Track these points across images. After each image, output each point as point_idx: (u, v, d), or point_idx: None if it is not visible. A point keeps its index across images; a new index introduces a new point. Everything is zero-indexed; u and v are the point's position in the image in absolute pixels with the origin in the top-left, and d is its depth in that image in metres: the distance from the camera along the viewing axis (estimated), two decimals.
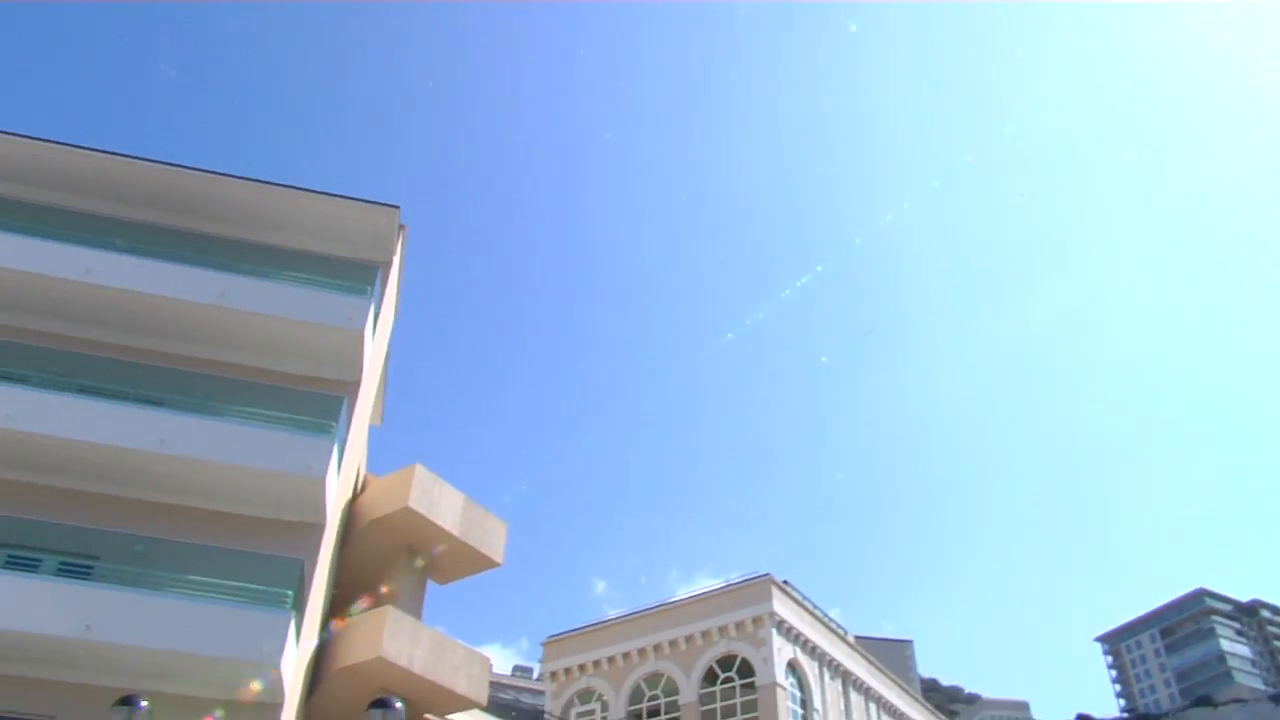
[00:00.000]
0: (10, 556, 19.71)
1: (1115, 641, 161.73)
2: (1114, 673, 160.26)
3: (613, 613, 41.64)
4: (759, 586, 36.51)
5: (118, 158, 25.19)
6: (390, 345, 29.76)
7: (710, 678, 36.25)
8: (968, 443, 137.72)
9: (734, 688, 35.40)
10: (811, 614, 38.63)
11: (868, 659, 42.62)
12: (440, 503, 25.24)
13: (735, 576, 37.70)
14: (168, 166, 25.35)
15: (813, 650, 37.50)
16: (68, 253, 23.30)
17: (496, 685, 37.30)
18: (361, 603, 24.81)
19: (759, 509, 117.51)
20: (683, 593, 39.59)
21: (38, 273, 22.94)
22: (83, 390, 21.76)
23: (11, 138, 24.94)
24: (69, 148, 25.12)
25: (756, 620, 35.72)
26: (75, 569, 19.75)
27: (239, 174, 25.64)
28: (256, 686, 19.13)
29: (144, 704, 15.05)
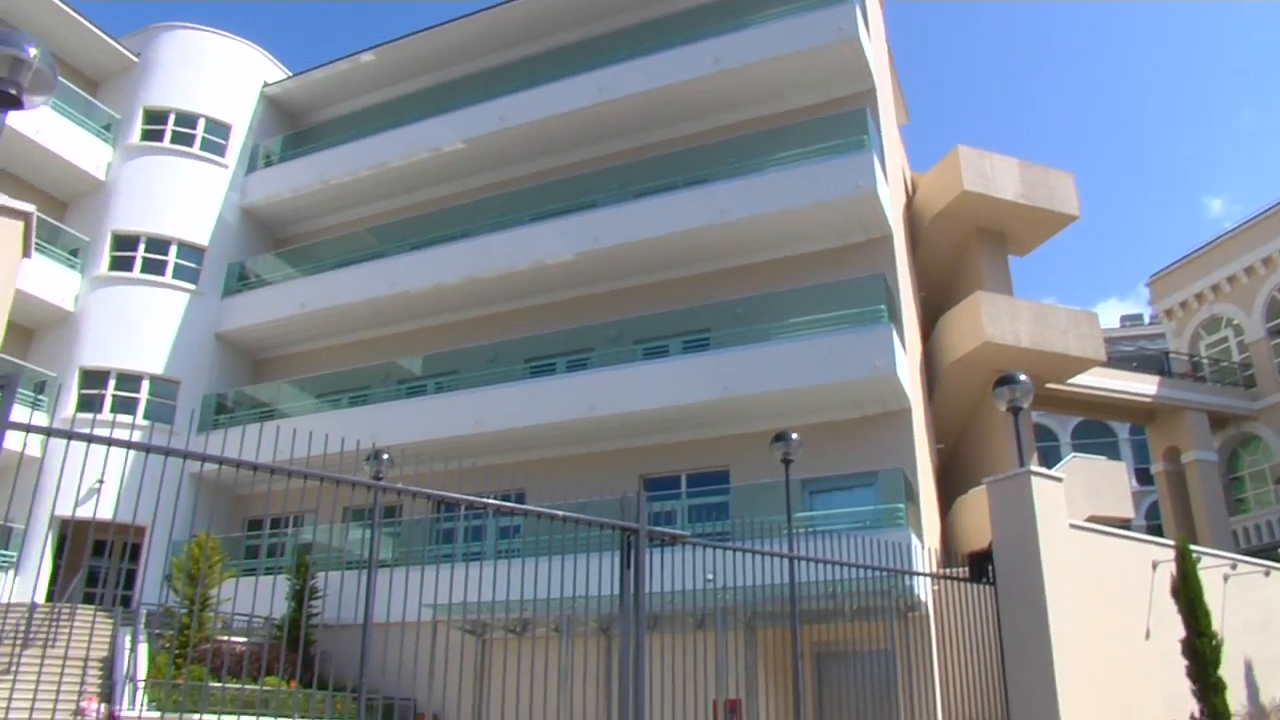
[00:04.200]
0: (645, 350, 22.71)
1: None
2: None
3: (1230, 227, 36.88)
4: None
5: None
6: (889, 40, 28.44)
7: None
8: None
9: None
10: None
11: None
12: (995, 176, 24.15)
13: None
14: None
15: None
16: (577, 84, 25.43)
17: (1112, 340, 35.76)
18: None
19: None
20: None
21: (561, 112, 25.46)
22: (640, 194, 23.88)
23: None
24: None
25: None
26: (695, 344, 22.19)
27: None
28: (881, 399, 20.26)
29: (795, 436, 16.55)
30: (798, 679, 14.84)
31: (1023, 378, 13.03)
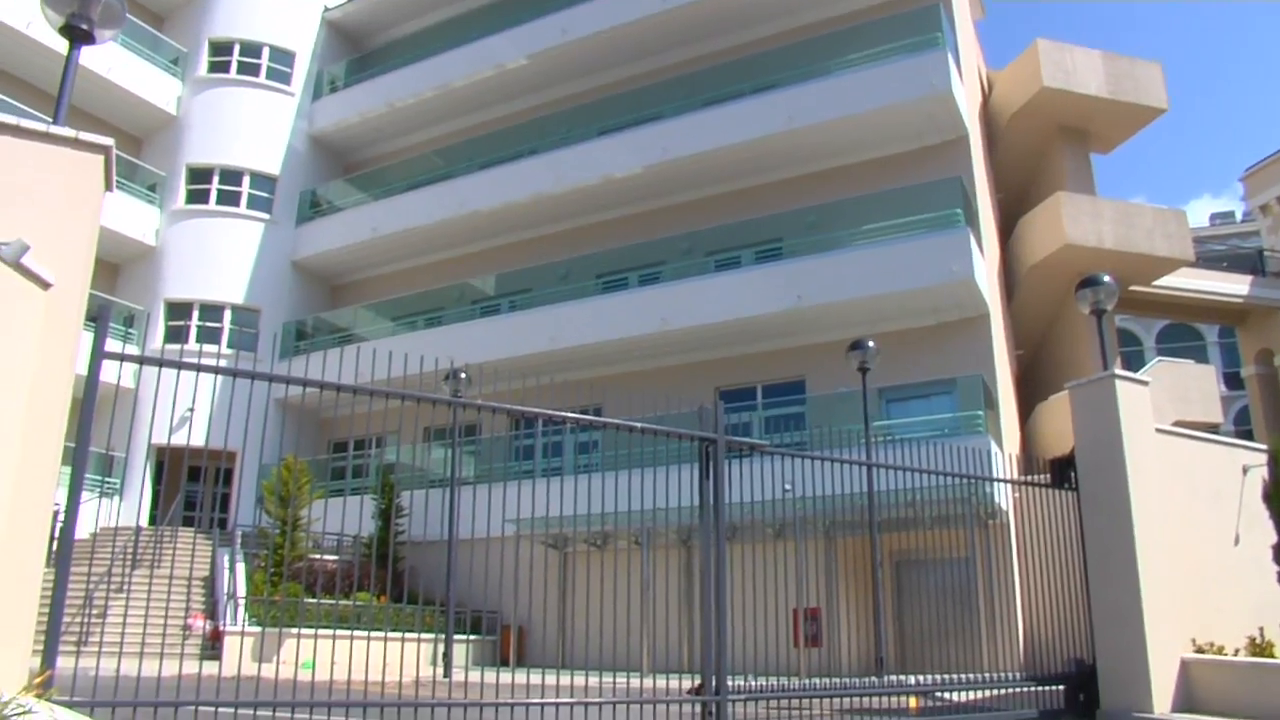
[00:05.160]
0: (717, 261, 22.54)
1: None
2: None
3: None
4: None
5: None
6: None
7: None
8: None
9: None
10: None
11: None
12: (1076, 70, 23.15)
13: None
14: None
15: None
16: None
17: (1201, 239, 34.47)
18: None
19: None
20: None
21: (624, 22, 24.98)
22: (707, 103, 23.41)
23: None
24: None
25: None
26: (767, 254, 21.94)
27: None
28: (959, 305, 19.88)
29: (871, 343, 16.40)
30: (877, 587, 14.93)
31: (1107, 279, 12.65)
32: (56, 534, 8.16)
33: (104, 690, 6.88)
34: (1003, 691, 11.10)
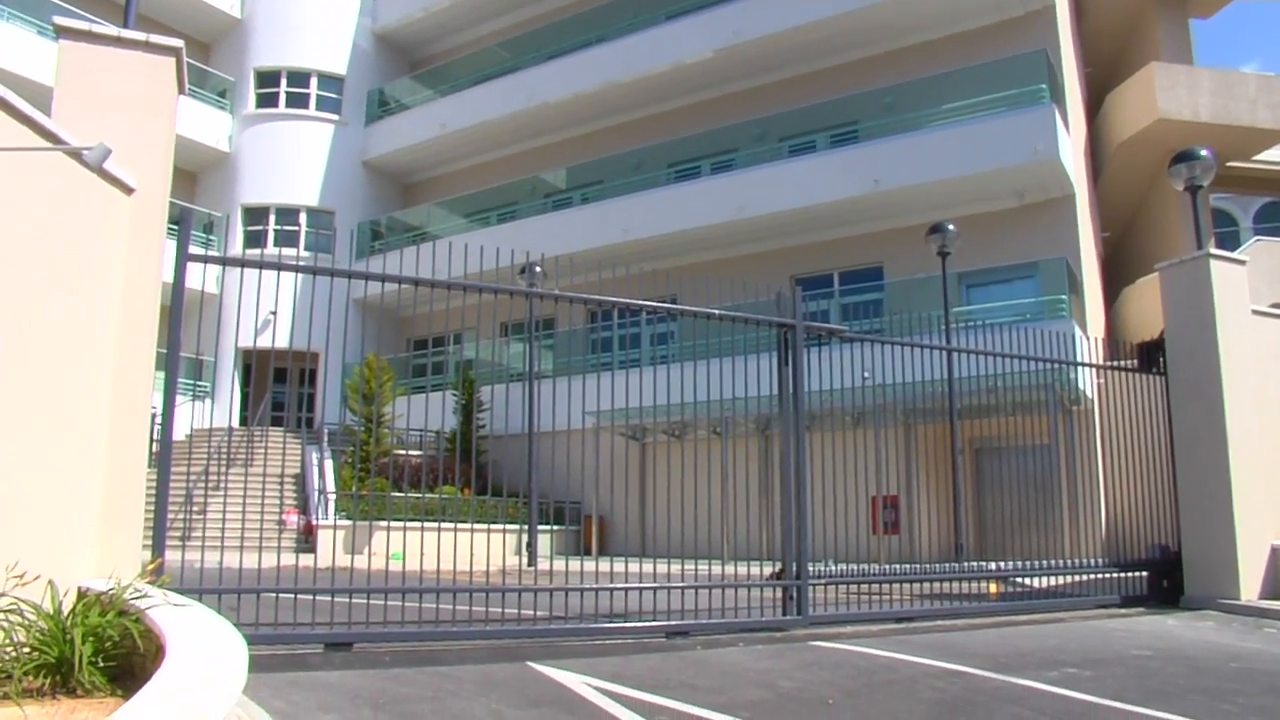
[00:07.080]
0: (791, 147, 22.01)
1: None
2: None
3: None
4: None
5: None
6: None
7: None
8: None
9: None
10: None
11: None
12: None
13: None
14: None
15: None
16: None
17: None
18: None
19: None
20: None
21: None
22: None
23: None
24: None
25: None
26: (843, 137, 21.35)
27: None
28: (1043, 186, 19.20)
29: (951, 226, 15.99)
30: (957, 474, 14.85)
31: (1204, 153, 12.08)
32: (156, 436, 8.47)
33: (209, 579, 7.22)
34: (1085, 577, 11.06)
